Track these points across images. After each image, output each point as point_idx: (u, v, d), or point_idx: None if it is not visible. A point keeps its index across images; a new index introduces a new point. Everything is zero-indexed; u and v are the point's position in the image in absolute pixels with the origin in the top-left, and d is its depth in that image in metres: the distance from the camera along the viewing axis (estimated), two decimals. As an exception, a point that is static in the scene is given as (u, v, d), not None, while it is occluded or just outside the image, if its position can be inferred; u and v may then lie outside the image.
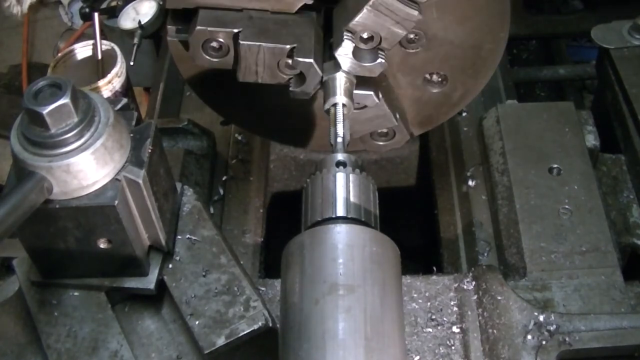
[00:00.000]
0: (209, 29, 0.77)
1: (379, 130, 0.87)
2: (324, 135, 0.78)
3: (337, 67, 0.77)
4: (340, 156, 0.69)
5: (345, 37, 0.75)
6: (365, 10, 0.73)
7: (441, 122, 0.90)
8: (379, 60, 0.77)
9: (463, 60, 0.82)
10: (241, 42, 0.76)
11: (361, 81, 0.79)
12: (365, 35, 0.75)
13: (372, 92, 0.81)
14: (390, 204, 0.79)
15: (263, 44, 0.75)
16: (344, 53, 0.76)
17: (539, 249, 0.78)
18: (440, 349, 0.70)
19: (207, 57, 0.79)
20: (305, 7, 0.79)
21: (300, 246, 0.64)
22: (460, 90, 0.85)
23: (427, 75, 0.84)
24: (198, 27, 0.76)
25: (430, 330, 0.71)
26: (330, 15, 0.80)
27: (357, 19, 0.74)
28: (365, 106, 0.82)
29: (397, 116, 0.85)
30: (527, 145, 0.88)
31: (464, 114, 1.01)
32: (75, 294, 0.66)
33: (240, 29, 0.77)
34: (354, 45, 0.76)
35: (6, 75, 2.37)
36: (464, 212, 0.91)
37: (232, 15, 0.78)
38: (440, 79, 0.85)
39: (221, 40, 0.78)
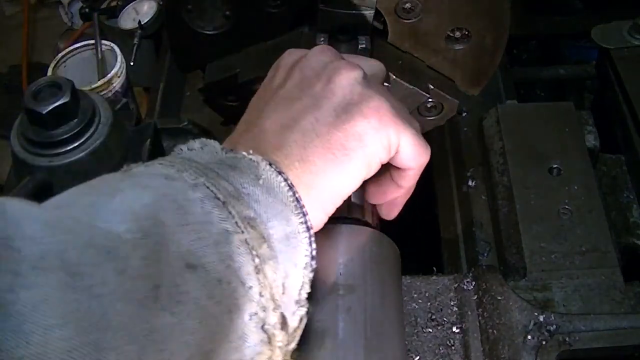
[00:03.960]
0: (215, 80, 0.85)
1: (427, 106, 0.86)
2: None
3: None
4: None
5: (321, 39, 0.78)
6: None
7: (492, 73, 0.88)
8: (360, 46, 0.78)
9: (471, 4, 0.80)
10: (240, 81, 0.82)
11: None
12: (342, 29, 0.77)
13: None
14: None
15: (259, 75, 0.78)
16: None
17: (539, 249, 0.78)
18: (440, 349, 0.70)
19: (221, 101, 0.87)
20: (294, 24, 0.82)
21: (300, 246, 0.64)
22: (488, 35, 0.83)
23: (447, 35, 0.83)
24: (206, 82, 0.86)
25: (430, 330, 0.71)
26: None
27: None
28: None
29: (431, 87, 0.84)
30: (527, 145, 0.88)
31: (464, 114, 1.01)
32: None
33: (238, 70, 0.83)
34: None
35: (6, 75, 2.37)
36: (464, 212, 0.91)
37: (233, 58, 0.85)
38: (461, 34, 0.83)
39: (227, 84, 0.84)
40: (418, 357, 0.69)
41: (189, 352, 0.39)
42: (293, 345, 0.50)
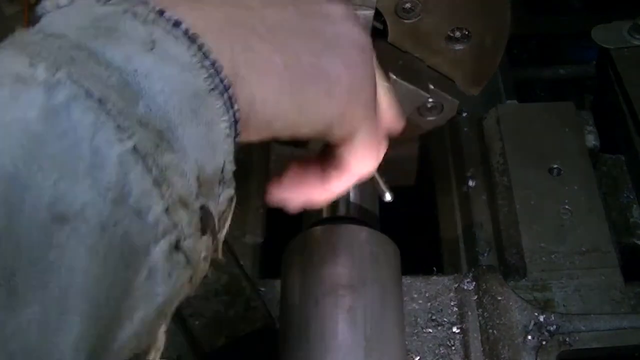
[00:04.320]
0: None
1: (427, 106, 0.86)
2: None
3: None
4: (340, 156, 0.69)
5: None
6: None
7: (492, 73, 0.87)
8: None
9: (471, 4, 0.80)
10: None
11: None
12: None
13: None
14: (391, 204, 0.78)
15: None
16: None
17: (539, 249, 0.78)
18: (441, 349, 0.70)
19: None
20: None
21: (301, 246, 0.64)
22: (488, 35, 0.82)
23: (447, 35, 0.83)
24: None
25: (430, 330, 0.71)
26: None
27: None
28: None
29: (431, 87, 0.84)
30: (527, 146, 0.88)
31: (464, 114, 1.01)
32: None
33: None
34: None
35: (6, 75, 2.36)
36: (464, 212, 0.91)
37: None
38: (461, 34, 0.83)
39: None
40: (418, 357, 0.69)
41: (71, 339, 0.29)
42: (224, 230, 0.42)
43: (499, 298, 0.71)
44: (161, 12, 0.36)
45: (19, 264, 0.28)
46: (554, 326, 0.70)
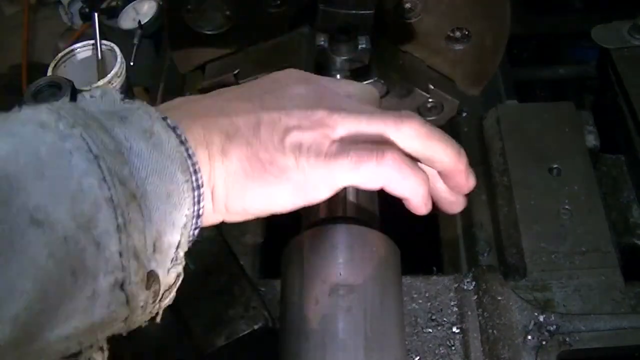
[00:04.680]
0: (214, 80, 0.85)
1: (427, 106, 0.86)
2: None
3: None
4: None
5: (321, 39, 0.78)
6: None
7: (492, 73, 0.88)
8: (360, 46, 0.77)
9: (471, 4, 0.80)
10: (240, 82, 0.81)
11: (363, 71, 0.79)
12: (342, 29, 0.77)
13: (375, 79, 0.81)
14: (391, 204, 0.78)
15: (258, 76, 0.78)
16: None
17: (539, 249, 0.78)
18: (441, 349, 0.70)
19: None
20: (294, 24, 0.81)
21: (300, 246, 0.64)
22: (488, 35, 0.82)
23: (447, 35, 0.83)
24: (205, 81, 0.85)
25: (430, 330, 0.71)
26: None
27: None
28: (387, 92, 0.82)
29: (431, 87, 0.83)
30: (527, 146, 0.88)
31: (464, 114, 1.01)
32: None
33: (237, 70, 0.82)
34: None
35: (6, 75, 2.37)
36: (464, 212, 0.91)
37: (232, 58, 0.85)
38: (461, 34, 0.83)
39: (227, 84, 0.83)
40: (418, 357, 0.69)
41: (14, 310, 0.37)
42: (167, 301, 0.49)
43: (499, 298, 0.71)
44: (165, 118, 0.48)
45: None
46: (554, 326, 0.70)
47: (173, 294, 0.49)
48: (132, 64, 1.08)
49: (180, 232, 0.47)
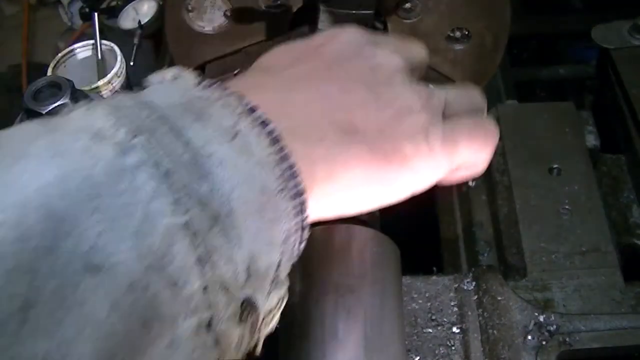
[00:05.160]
0: (214, 80, 0.83)
1: None
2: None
3: None
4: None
5: None
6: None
7: (492, 73, 0.87)
8: None
9: (471, 4, 0.80)
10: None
11: None
12: None
13: None
14: (391, 204, 0.78)
15: None
16: None
17: (539, 249, 0.78)
18: (441, 349, 0.69)
19: None
20: (294, 24, 0.81)
21: (300, 246, 0.64)
22: (488, 35, 0.82)
23: (447, 35, 0.83)
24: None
25: (430, 330, 0.71)
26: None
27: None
28: None
29: (431, 87, 0.83)
30: (527, 145, 0.88)
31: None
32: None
33: (237, 70, 0.82)
34: None
35: (6, 75, 2.37)
36: (464, 212, 0.91)
37: (232, 58, 0.84)
38: (461, 34, 0.83)
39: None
40: (418, 357, 0.69)
41: None
42: (270, 328, 0.42)
43: (499, 298, 0.71)
44: (252, 110, 0.38)
45: (40, 298, 0.29)
46: (554, 326, 0.70)
47: (276, 319, 0.43)
48: (132, 64, 1.08)
49: (281, 250, 0.39)
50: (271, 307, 0.41)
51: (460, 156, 0.50)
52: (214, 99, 0.38)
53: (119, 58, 1.01)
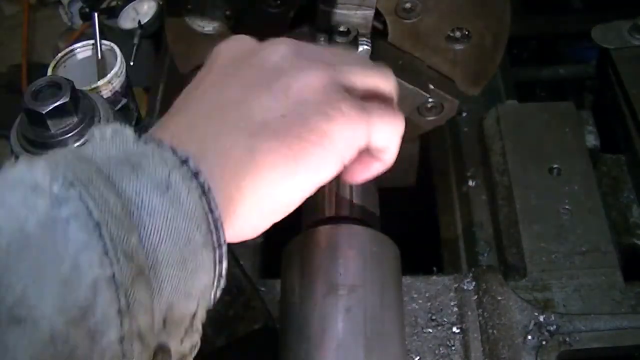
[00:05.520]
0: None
1: (427, 106, 0.85)
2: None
3: None
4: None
5: (321, 39, 0.77)
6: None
7: (492, 73, 0.87)
8: (361, 48, 0.77)
9: (471, 4, 0.80)
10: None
11: None
12: (342, 29, 0.76)
13: None
14: (391, 204, 0.79)
15: None
16: None
17: (539, 249, 0.78)
18: (441, 349, 0.70)
19: None
20: (294, 24, 0.81)
21: (300, 246, 0.64)
22: (488, 35, 0.82)
23: (447, 35, 0.83)
24: None
25: (430, 330, 0.71)
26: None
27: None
28: None
29: (431, 87, 0.83)
30: (527, 145, 0.88)
31: (464, 114, 1.01)
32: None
33: None
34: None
35: (6, 75, 2.37)
36: (464, 212, 0.91)
37: None
38: (461, 34, 0.83)
39: None
40: (418, 357, 0.69)
41: None
42: None
43: (499, 298, 0.71)
44: (185, 161, 0.39)
45: None
46: (554, 326, 0.70)
47: None
48: (132, 64, 1.08)
49: (197, 301, 0.40)
50: (185, 352, 0.41)
51: (375, 127, 0.48)
52: (150, 152, 0.39)
53: (119, 58, 1.01)
